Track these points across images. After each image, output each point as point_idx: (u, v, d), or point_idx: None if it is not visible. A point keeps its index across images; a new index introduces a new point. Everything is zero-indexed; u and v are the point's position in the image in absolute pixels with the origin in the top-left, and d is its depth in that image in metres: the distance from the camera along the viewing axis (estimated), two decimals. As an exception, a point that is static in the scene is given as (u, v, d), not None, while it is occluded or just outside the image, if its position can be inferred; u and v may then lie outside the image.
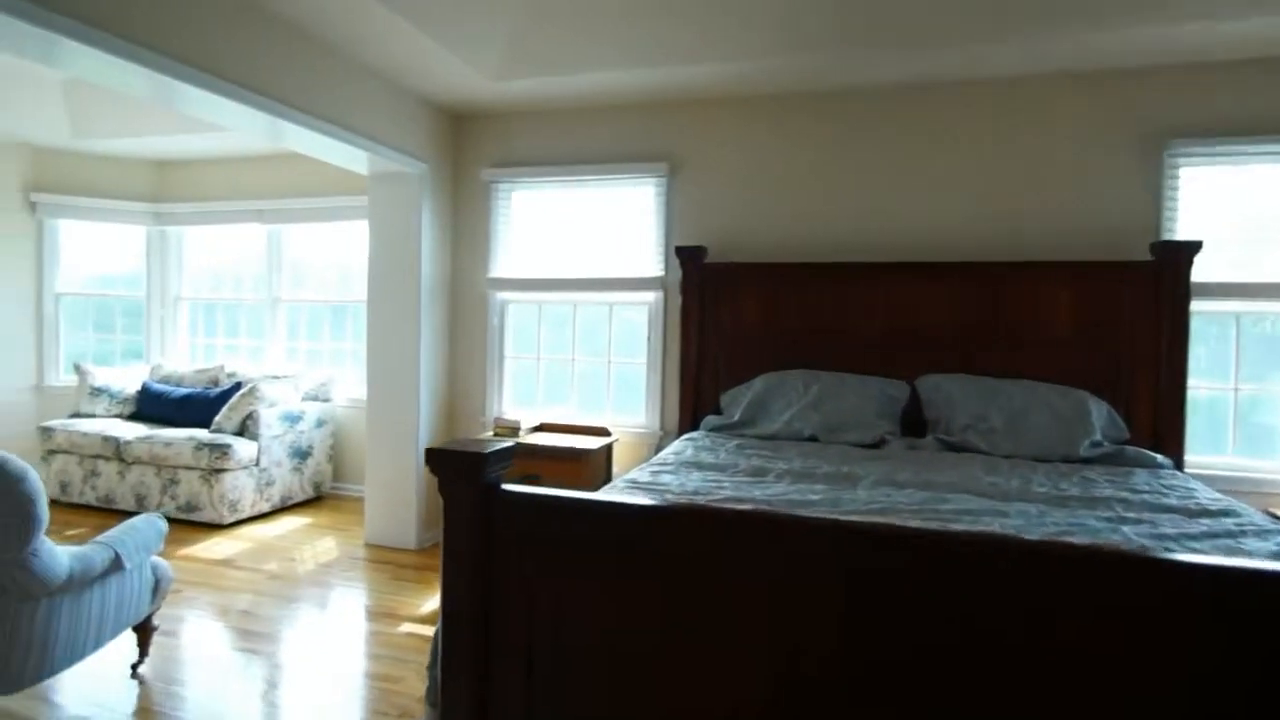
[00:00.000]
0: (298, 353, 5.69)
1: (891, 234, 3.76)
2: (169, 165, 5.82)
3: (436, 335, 4.38)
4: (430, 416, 4.32)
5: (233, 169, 5.66)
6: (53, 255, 5.55)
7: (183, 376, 5.32)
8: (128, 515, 4.66)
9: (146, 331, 5.84)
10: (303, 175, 5.45)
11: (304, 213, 5.43)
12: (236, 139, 5.06)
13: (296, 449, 4.96)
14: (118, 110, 4.87)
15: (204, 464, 4.45)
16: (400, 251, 4.23)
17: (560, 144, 4.30)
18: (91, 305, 5.79)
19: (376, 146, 3.83)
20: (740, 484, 2.54)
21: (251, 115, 3.11)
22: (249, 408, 4.68)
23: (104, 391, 5.12)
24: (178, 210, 5.72)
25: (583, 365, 4.36)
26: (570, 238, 4.34)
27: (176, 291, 5.91)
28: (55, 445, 4.79)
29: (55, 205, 5.47)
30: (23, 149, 5.35)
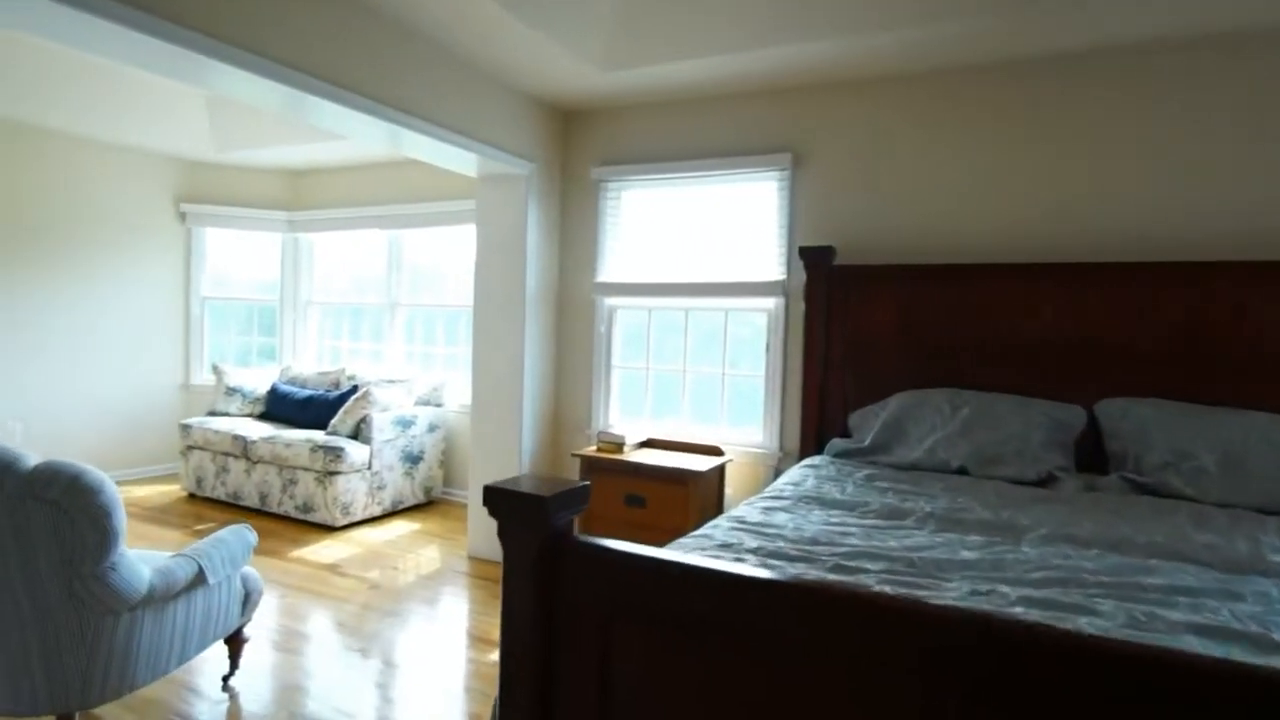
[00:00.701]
0: (414, 357, 5.74)
1: (1057, 229, 3.15)
2: (301, 174, 6.05)
3: (542, 342, 4.19)
4: (534, 427, 4.13)
5: (356, 176, 5.80)
6: (199, 261, 5.90)
7: (307, 378, 5.48)
8: (253, 512, 4.81)
9: (280, 333, 6.10)
10: (418, 180, 5.48)
11: (420, 217, 5.45)
12: (359, 147, 5.15)
13: (408, 453, 4.96)
14: (254, 124, 5.06)
15: (319, 466, 4.50)
16: (506, 255, 4.07)
17: (672, 138, 3.99)
18: (232, 308, 6.11)
19: (484, 148, 3.68)
20: (871, 530, 2.11)
21: (372, 124, 3.13)
22: (362, 412, 4.71)
23: (237, 391, 5.35)
24: (308, 217, 5.93)
25: (695, 377, 4.02)
26: (683, 239, 4.01)
27: (307, 296, 6.13)
28: (192, 442, 5.04)
29: (201, 214, 5.81)
30: (174, 162, 5.72)
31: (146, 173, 5.53)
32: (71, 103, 4.54)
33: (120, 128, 4.98)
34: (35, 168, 4.92)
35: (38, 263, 4.95)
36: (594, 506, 3.56)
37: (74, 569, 1.98)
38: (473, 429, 4.18)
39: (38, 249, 4.95)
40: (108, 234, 5.33)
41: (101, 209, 5.28)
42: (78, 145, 5.13)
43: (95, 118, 4.78)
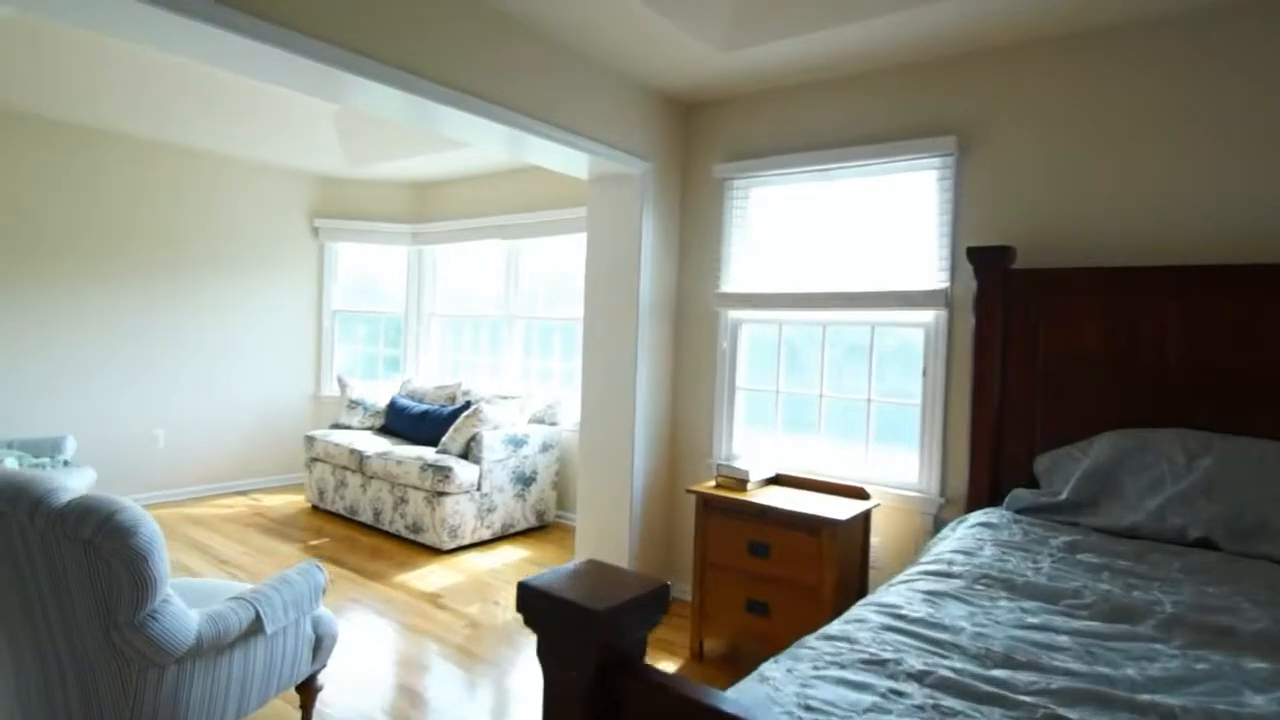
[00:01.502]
0: (531, 372, 5.51)
1: (1355, 214, 2.30)
2: (424, 187, 6.03)
3: (657, 358, 3.76)
4: (647, 453, 3.70)
5: (475, 187, 5.68)
6: (331, 274, 6.01)
7: (425, 392, 5.39)
8: (367, 529, 4.72)
9: (404, 346, 6.10)
10: (535, 188, 5.26)
11: (537, 226, 5.22)
12: (479, 155, 4.99)
13: (520, 474, 4.69)
14: (381, 138, 5.04)
15: (427, 486, 4.32)
16: (618, 263, 3.69)
17: (807, 126, 3.44)
18: (361, 320, 6.19)
19: (594, 145, 3.33)
20: (1090, 642, 1.48)
21: (490, 129, 2.97)
22: (472, 430, 4.49)
23: (359, 404, 5.34)
24: (431, 229, 5.88)
25: (834, 402, 3.43)
26: (820, 242, 3.45)
27: (430, 308, 6.09)
28: (315, 454, 5.06)
29: (333, 229, 5.92)
30: (308, 179, 5.86)
31: (283, 189, 5.69)
32: (213, 124, 4.69)
33: (259, 146, 5.11)
34: (180, 186, 5.15)
35: (182, 277, 5.18)
36: (711, 552, 3.06)
37: (111, 618, 1.76)
38: (580, 452, 3.82)
39: (182, 264, 5.18)
40: (247, 249, 5.51)
41: (242, 225, 5.47)
42: (220, 164, 5.34)
43: (236, 137, 4.92)
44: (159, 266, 5.05)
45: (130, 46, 3.79)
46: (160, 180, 5.04)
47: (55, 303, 4.59)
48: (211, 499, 5.27)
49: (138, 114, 4.47)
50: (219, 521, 4.73)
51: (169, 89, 4.30)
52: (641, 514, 3.68)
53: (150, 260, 5.00)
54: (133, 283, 4.93)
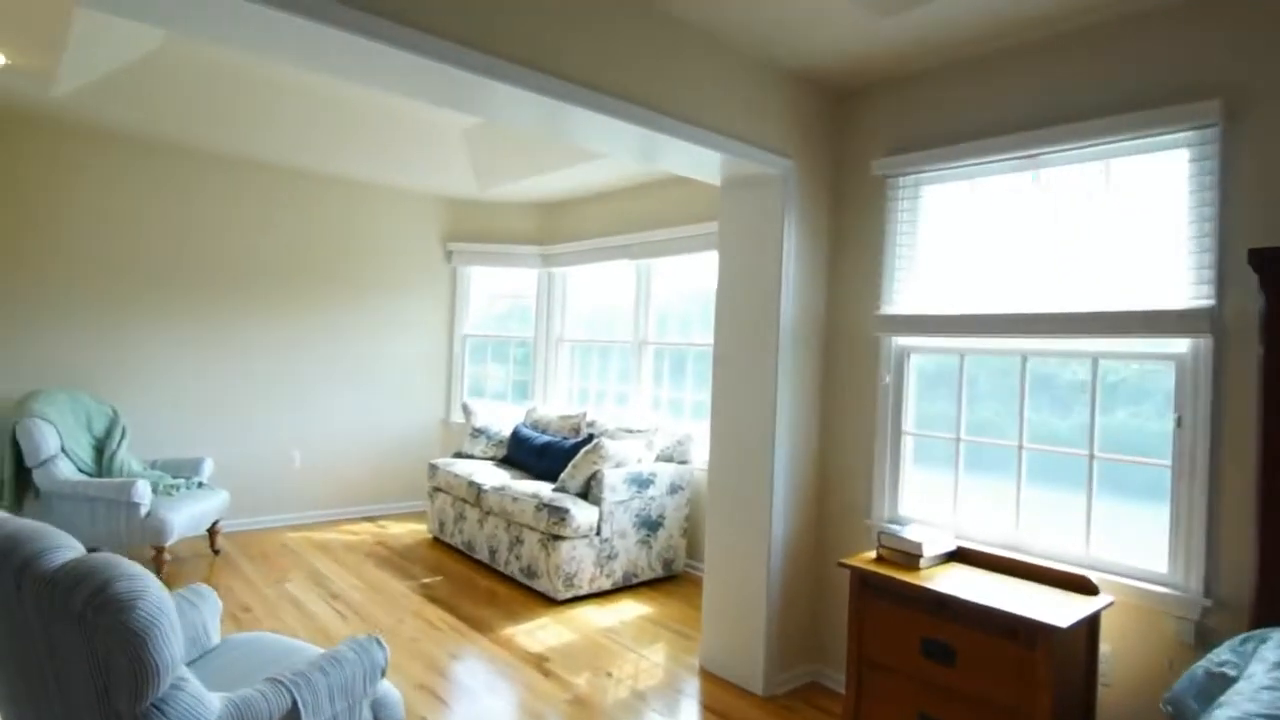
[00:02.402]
0: (661, 403, 5.03)
1: None
2: (553, 207, 5.79)
3: (801, 394, 3.14)
4: (788, 507, 3.08)
5: (604, 205, 5.34)
6: (463, 299, 5.90)
7: (549, 422, 5.06)
8: (483, 568, 4.41)
9: (533, 371, 5.85)
10: (665, 204, 4.83)
11: (668, 244, 4.78)
12: (607, 170, 4.64)
13: (645, 518, 4.20)
14: (510, 158, 4.83)
15: (542, 527, 3.93)
16: (754, 280, 3.13)
17: (997, 105, 2.73)
18: (492, 345, 6.02)
19: (729, 143, 2.82)
20: None
21: (623, 130, 2.60)
22: (593, 467, 4.07)
23: (483, 433, 5.11)
24: (560, 251, 5.61)
25: (1039, 457, 2.64)
26: (1017, 251, 2.70)
27: (559, 332, 5.81)
28: (437, 483, 4.86)
29: (465, 252, 5.81)
30: (441, 202, 5.80)
31: (417, 213, 5.66)
32: (346, 149, 4.68)
33: (393, 171, 5.08)
34: (316, 212, 5.20)
35: (321, 301, 5.22)
36: (871, 647, 2.39)
37: (109, 706, 1.43)
38: (709, 499, 3.26)
39: (321, 289, 5.22)
40: (382, 274, 5.50)
41: (377, 250, 5.47)
42: (354, 189, 5.37)
43: (370, 162, 4.90)
44: (298, 290, 5.11)
45: (265, 73, 3.79)
46: (296, 206, 5.12)
47: (199, 325, 4.73)
48: (340, 524, 5.23)
49: (273, 142, 4.53)
50: (341, 549, 4.63)
51: (301, 116, 4.31)
52: (781, 580, 3.05)
53: (289, 284, 5.08)
54: (273, 306, 5.01)
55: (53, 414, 3.76)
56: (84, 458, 3.92)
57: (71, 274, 4.27)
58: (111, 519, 3.69)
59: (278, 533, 4.92)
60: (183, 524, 3.82)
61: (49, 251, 4.20)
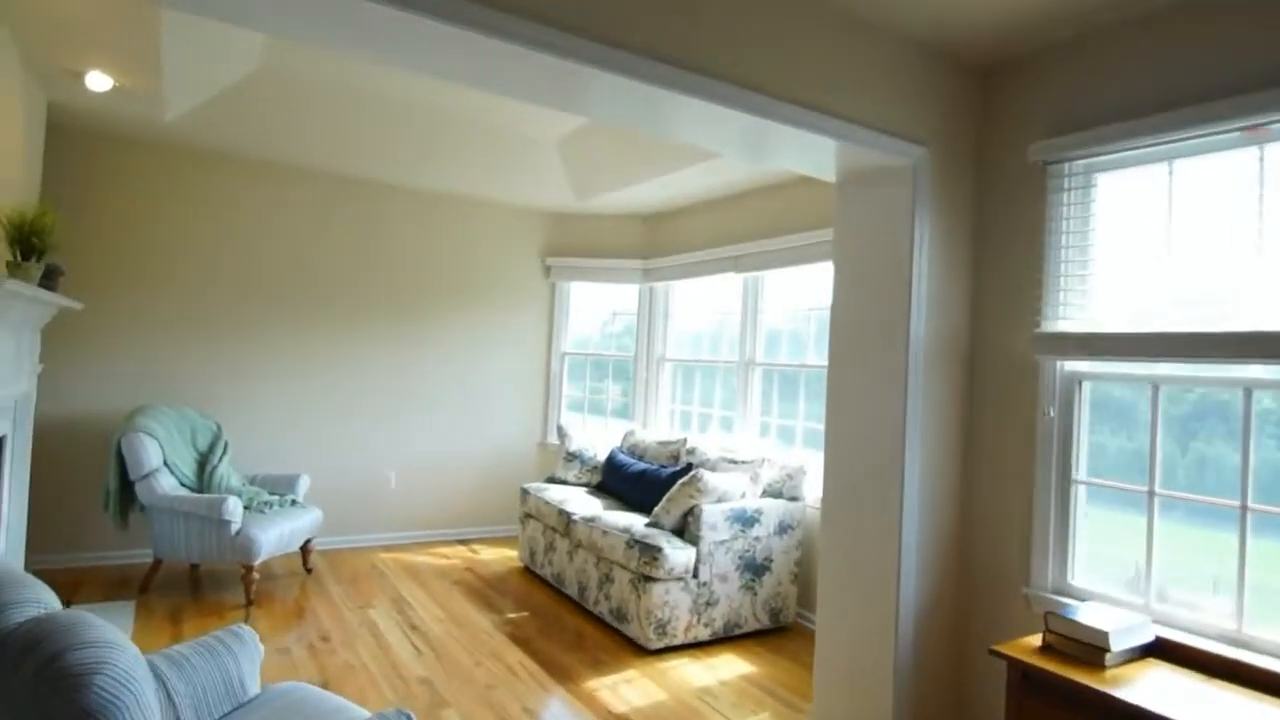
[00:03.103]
0: (770, 430, 4.56)
1: None
2: (654, 218, 5.48)
3: (937, 428, 2.61)
4: (920, 564, 2.55)
5: (707, 214, 4.96)
6: (562, 315, 5.68)
7: (646, 448, 4.71)
8: (571, 604, 4.10)
9: (634, 393, 5.53)
10: (774, 210, 4.39)
11: (777, 255, 4.33)
12: (708, 176, 4.27)
13: (749, 561, 3.74)
14: (604, 164, 4.57)
15: (633, 566, 3.56)
16: (876, 291, 2.64)
17: (1206, 59, 2.12)
18: (591, 364, 5.76)
19: (850, 128, 2.39)
20: None
21: (727, 118, 2.24)
22: (689, 501, 3.66)
23: (577, 457, 4.83)
24: (661, 265, 5.28)
25: (1272, 520, 1.99)
26: (1234, 249, 2.08)
27: (660, 351, 5.47)
28: (528, 509, 4.61)
29: (564, 267, 5.60)
30: (539, 215, 5.62)
31: (515, 228, 5.51)
32: (442, 163, 4.57)
33: (490, 184, 4.94)
34: (415, 229, 5.14)
35: (419, 319, 5.14)
36: (1034, 763, 1.83)
37: (69, 801, 1.18)
38: (823, 548, 2.78)
39: (419, 306, 5.14)
40: (481, 290, 5.37)
41: (475, 266, 5.35)
42: (452, 204, 5.28)
43: (467, 176, 4.78)
44: (397, 308, 5.06)
45: (357, 89, 3.72)
46: (392, 222, 5.07)
47: (301, 343, 4.74)
48: (433, 546, 5.09)
49: (367, 158, 4.48)
50: (431, 574, 4.46)
51: (395, 131, 4.23)
52: (913, 655, 2.52)
53: (388, 302, 5.03)
54: (373, 324, 4.97)
55: (157, 428, 3.81)
56: (186, 472, 3.95)
57: (182, 291, 4.38)
58: (204, 535, 3.67)
59: (370, 553, 4.83)
60: (271, 543, 3.75)
61: (163, 271, 4.32)
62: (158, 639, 3.28)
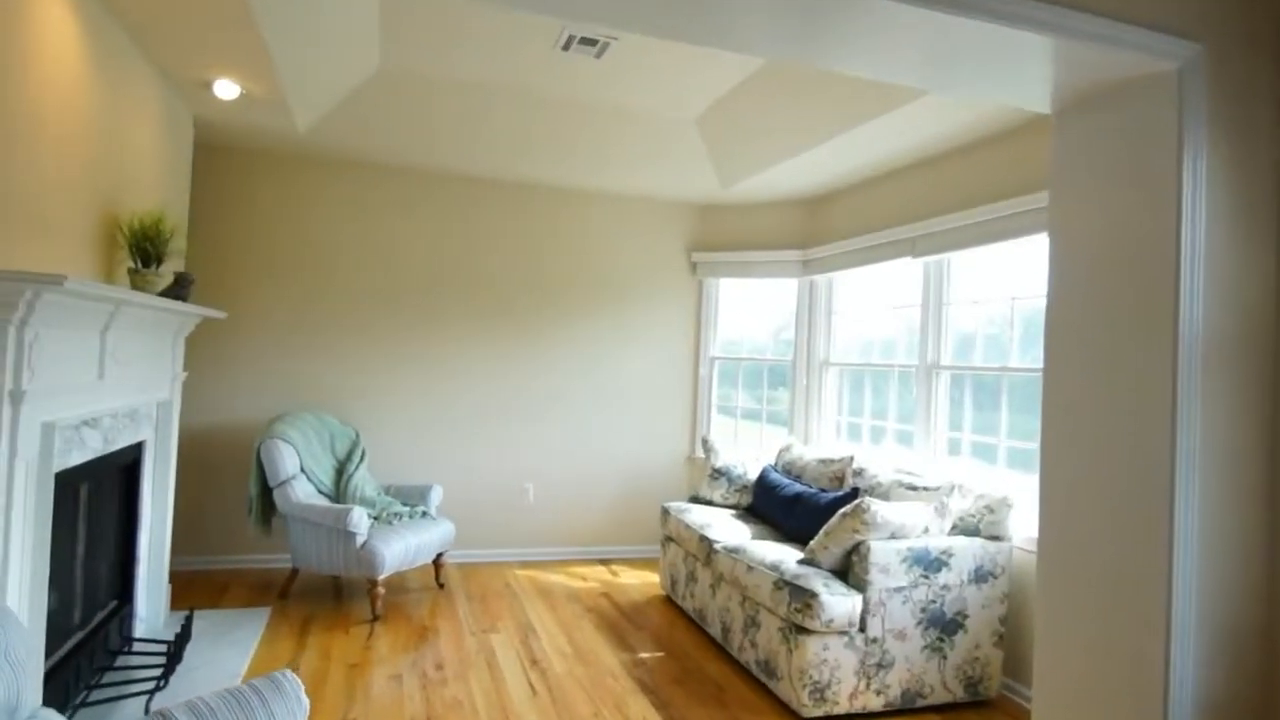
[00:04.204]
0: (962, 449, 3.72)
1: None
2: (812, 202, 4.78)
3: (1226, 456, 1.76)
4: (1200, 651, 1.72)
5: (875, 191, 4.20)
6: (710, 315, 5.15)
7: (805, 466, 4.04)
8: (714, 647, 3.54)
9: (792, 402, 4.87)
10: (959, 178, 3.57)
11: (966, 232, 3.50)
12: (876, 146, 3.55)
13: (934, 615, 2.98)
14: (750, 142, 3.99)
15: (782, 611, 2.94)
16: (1121, 261, 1.85)
17: None
18: (742, 370, 5.17)
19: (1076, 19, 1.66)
20: None
21: (909, 24, 1.65)
22: (853, 536, 2.97)
23: (724, 474, 4.26)
24: (823, 254, 4.58)
25: None
26: None
27: (823, 354, 4.75)
28: (669, 531, 4.12)
29: (712, 263, 5.06)
30: (682, 208, 5.13)
31: (656, 222, 5.06)
32: (575, 157, 4.24)
33: (625, 176, 4.54)
34: (548, 228, 4.85)
35: (556, 323, 4.85)
36: None
37: None
38: (1040, 605, 2.01)
39: (556, 309, 4.85)
40: (621, 291, 4.99)
41: (616, 267, 4.98)
42: (588, 200, 4.93)
43: (601, 169, 4.41)
44: (535, 314, 4.81)
45: (482, 84, 3.46)
46: (525, 223, 4.81)
47: (439, 350, 4.61)
48: (571, 565, 4.76)
49: (497, 155, 4.23)
50: (564, 597, 4.10)
51: (522, 125, 3.95)
52: (1189, 795, 1.69)
53: (525, 307, 4.79)
54: (511, 331, 4.75)
55: (294, 435, 3.79)
56: (324, 479, 3.90)
57: (323, 299, 4.40)
58: (333, 546, 3.57)
59: (505, 569, 4.58)
60: (397, 557, 3.57)
61: (307, 280, 4.37)
62: (282, 648, 3.18)
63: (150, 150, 3.09)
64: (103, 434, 2.57)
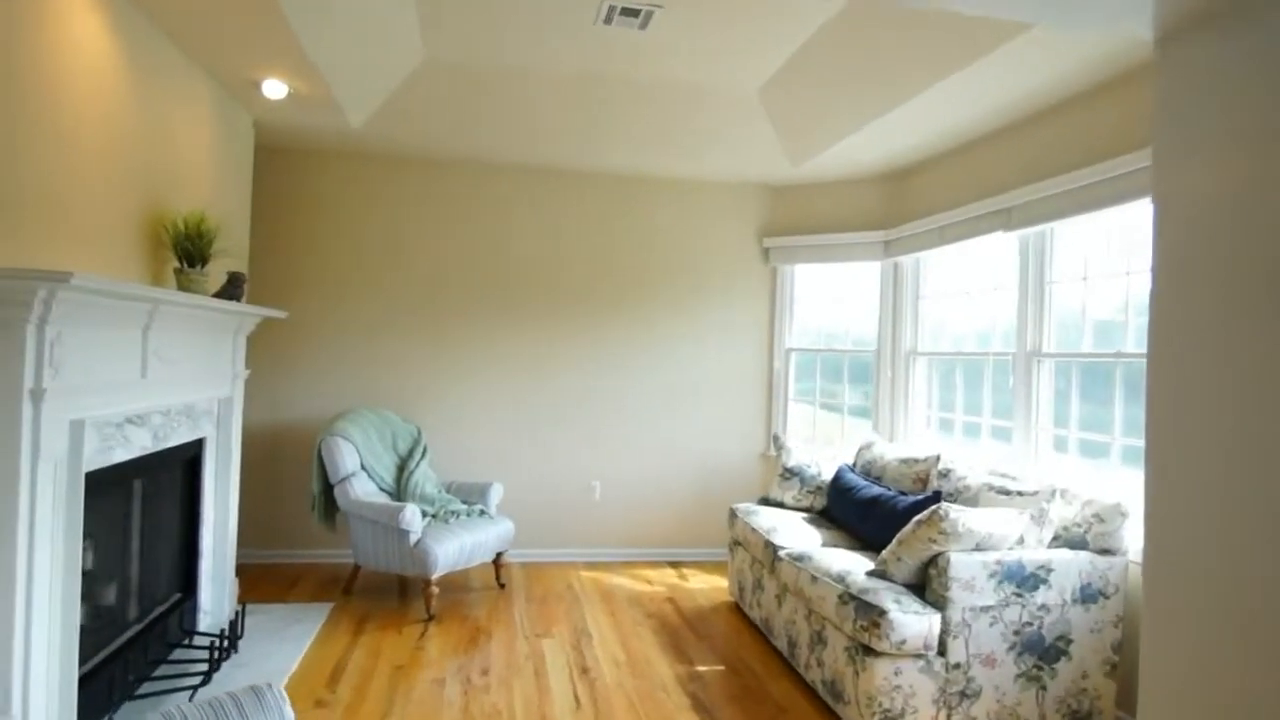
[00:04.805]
0: (1068, 445, 3.26)
1: None
2: (893, 177, 4.37)
3: None
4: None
5: (962, 159, 3.77)
6: (785, 304, 4.82)
7: (885, 466, 3.67)
8: (780, 661, 3.26)
9: (875, 395, 4.48)
10: (1061, 137, 3.11)
11: (1067, 199, 3.04)
12: (959, 106, 3.14)
13: (1030, 639, 2.59)
14: (819, 109, 3.66)
15: (848, 629, 2.64)
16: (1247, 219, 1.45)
17: None
18: (820, 361, 4.81)
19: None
20: None
21: None
22: (929, 547, 2.62)
23: (796, 474, 3.95)
24: (907, 234, 4.16)
25: None
26: None
27: (910, 342, 4.34)
28: (736, 535, 3.86)
29: (787, 248, 4.73)
30: (752, 190, 4.82)
31: (725, 207, 4.78)
32: (636, 141, 4.05)
33: (689, 157, 4.30)
34: (612, 217, 4.67)
35: (621, 315, 4.68)
36: None
37: None
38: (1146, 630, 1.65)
39: (621, 302, 4.68)
40: (689, 281, 4.75)
41: (681, 254, 4.74)
42: (651, 187, 4.71)
43: (663, 152, 4.19)
44: (599, 306, 4.65)
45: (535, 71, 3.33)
46: (590, 212, 4.65)
47: (500, 346, 4.54)
48: (638, 566, 4.58)
49: (552, 143, 4.09)
50: (626, 602, 3.93)
51: (577, 111, 3.80)
52: None
53: (590, 300, 4.64)
54: (574, 324, 4.62)
55: (354, 432, 3.81)
56: (385, 477, 3.91)
57: (383, 296, 4.42)
58: (389, 543, 3.55)
59: (570, 569, 4.46)
60: (450, 556, 3.51)
61: (368, 277, 4.40)
62: (335, 646, 3.18)
63: (203, 152, 3.15)
64: (152, 431, 2.61)
